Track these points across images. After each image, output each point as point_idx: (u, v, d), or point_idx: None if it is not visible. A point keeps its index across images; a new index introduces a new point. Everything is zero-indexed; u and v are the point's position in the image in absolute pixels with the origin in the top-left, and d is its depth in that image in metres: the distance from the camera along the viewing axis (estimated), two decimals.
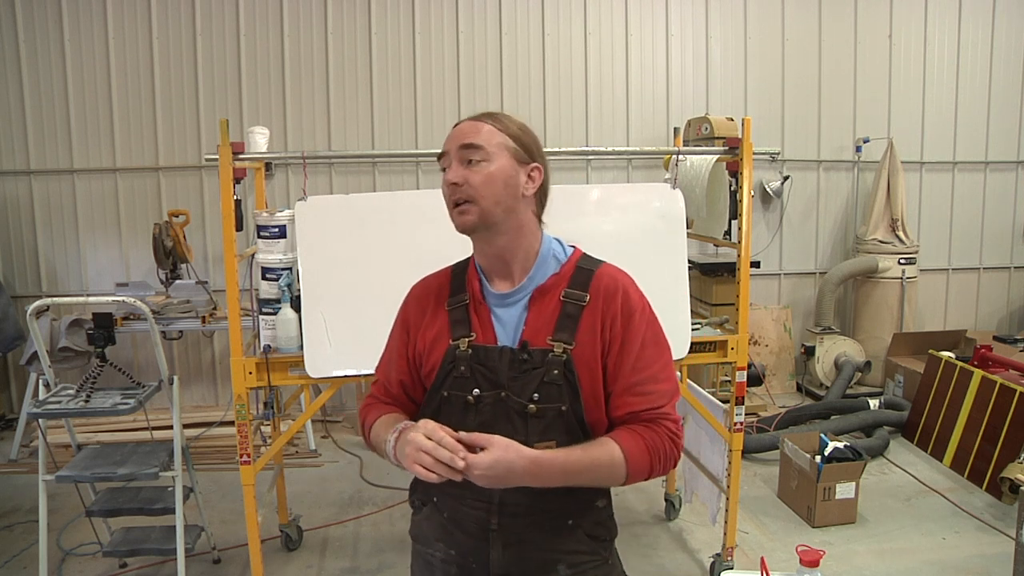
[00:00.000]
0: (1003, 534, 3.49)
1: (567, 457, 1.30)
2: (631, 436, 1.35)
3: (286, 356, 2.76)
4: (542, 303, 1.40)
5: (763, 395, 5.49)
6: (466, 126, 1.39)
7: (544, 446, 1.33)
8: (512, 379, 1.36)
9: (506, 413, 1.36)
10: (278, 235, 2.83)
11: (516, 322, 1.40)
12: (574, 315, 1.38)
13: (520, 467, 1.24)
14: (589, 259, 1.46)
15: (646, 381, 1.38)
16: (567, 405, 1.35)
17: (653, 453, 1.35)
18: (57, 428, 4.31)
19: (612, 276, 1.42)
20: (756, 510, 3.81)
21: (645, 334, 1.40)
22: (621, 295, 1.40)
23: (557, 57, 5.51)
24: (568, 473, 1.30)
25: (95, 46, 5.08)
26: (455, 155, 1.37)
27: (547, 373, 1.35)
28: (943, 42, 5.98)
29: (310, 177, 2.81)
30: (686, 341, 2.84)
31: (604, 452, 1.33)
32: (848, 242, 6.07)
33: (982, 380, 4.20)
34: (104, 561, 3.29)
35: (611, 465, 1.33)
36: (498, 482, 1.25)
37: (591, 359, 1.37)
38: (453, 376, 1.39)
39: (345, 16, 5.26)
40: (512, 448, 1.25)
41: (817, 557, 1.43)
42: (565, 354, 1.35)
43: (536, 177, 1.42)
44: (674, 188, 2.91)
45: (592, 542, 1.45)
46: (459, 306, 1.44)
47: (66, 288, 5.21)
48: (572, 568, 1.42)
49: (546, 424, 1.35)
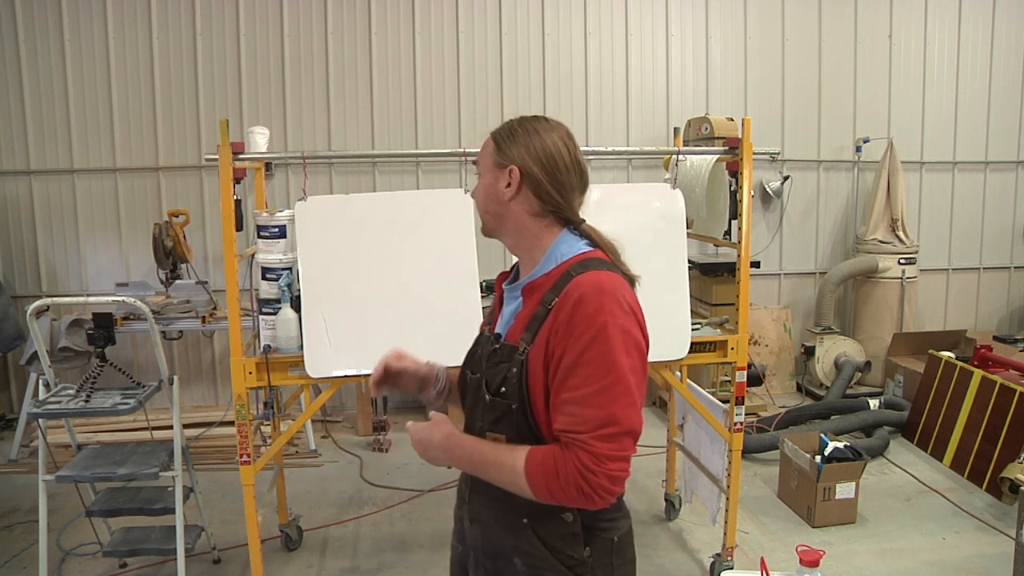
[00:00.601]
0: (1003, 534, 3.49)
1: (475, 446, 1.38)
2: (545, 452, 1.29)
3: (286, 356, 2.76)
4: (530, 301, 1.42)
5: (763, 395, 5.49)
6: (485, 141, 1.50)
7: (493, 438, 1.40)
8: (488, 367, 1.45)
9: (478, 398, 1.45)
10: (278, 235, 2.83)
11: (511, 315, 1.47)
12: (540, 317, 1.35)
13: (436, 442, 1.38)
14: (585, 263, 1.36)
15: (571, 402, 1.27)
16: (516, 404, 1.36)
17: (553, 476, 1.25)
18: (57, 428, 4.31)
19: (580, 284, 1.31)
20: (756, 510, 3.81)
21: (588, 355, 1.26)
22: (572, 305, 1.29)
23: (557, 57, 5.51)
24: (474, 462, 1.38)
25: (95, 46, 5.08)
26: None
27: (510, 369, 1.38)
28: (943, 42, 5.98)
29: (310, 177, 2.82)
30: (686, 341, 2.85)
31: (510, 456, 1.31)
32: (848, 242, 6.07)
33: (982, 380, 4.20)
34: (104, 561, 3.29)
35: (512, 471, 1.30)
36: (420, 449, 1.40)
37: (538, 364, 1.34)
38: (469, 355, 1.55)
39: (345, 16, 5.26)
40: (437, 425, 1.40)
41: (817, 557, 1.43)
42: (523, 354, 1.36)
43: (513, 178, 1.40)
44: (674, 188, 2.91)
45: (549, 552, 1.38)
46: (495, 297, 1.58)
47: (66, 288, 5.21)
48: (529, 568, 1.40)
49: (497, 416, 1.40)
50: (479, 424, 1.44)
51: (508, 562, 1.43)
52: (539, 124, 1.47)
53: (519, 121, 1.47)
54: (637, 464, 1.78)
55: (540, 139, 1.44)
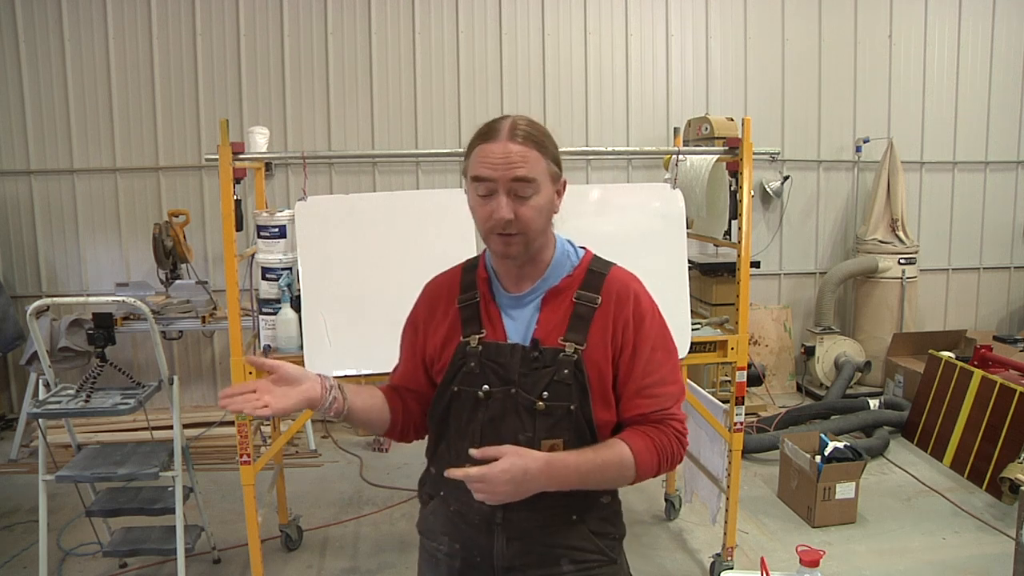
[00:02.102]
0: (1003, 534, 3.49)
1: (579, 459, 1.33)
2: (640, 437, 1.38)
3: (286, 356, 2.75)
4: (555, 304, 1.42)
5: (763, 395, 5.49)
6: (514, 153, 1.31)
7: (551, 444, 1.36)
8: (523, 376, 1.38)
9: (515, 409, 1.38)
10: (278, 235, 2.83)
11: (528, 321, 1.43)
12: (586, 316, 1.40)
13: (535, 469, 1.27)
14: (600, 261, 1.47)
15: (655, 384, 1.41)
16: (575, 404, 1.38)
17: (661, 453, 1.39)
18: (57, 428, 4.30)
19: (623, 281, 1.44)
20: (756, 510, 3.81)
21: (655, 339, 1.43)
22: (633, 300, 1.42)
23: (557, 57, 5.51)
24: (581, 474, 1.33)
25: (95, 46, 5.08)
26: (504, 185, 1.32)
27: (557, 372, 1.37)
28: (943, 42, 5.98)
29: (310, 177, 2.81)
30: (686, 341, 2.84)
31: (614, 453, 1.36)
32: (848, 242, 6.07)
33: (982, 380, 4.20)
34: (104, 561, 3.29)
35: (620, 466, 1.36)
36: (516, 488, 1.26)
37: (601, 360, 1.39)
38: (463, 372, 1.41)
39: (345, 16, 5.26)
40: (525, 453, 1.28)
41: (817, 557, 1.43)
42: (576, 354, 1.38)
43: (562, 191, 1.43)
44: (674, 188, 2.91)
45: (598, 539, 1.46)
46: (470, 304, 1.45)
47: (66, 288, 5.21)
48: (576, 564, 1.43)
49: (554, 422, 1.38)
50: (524, 436, 1.37)
51: (555, 566, 1.43)
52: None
53: (538, 125, 1.38)
54: None
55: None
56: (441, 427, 1.46)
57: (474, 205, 1.38)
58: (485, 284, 1.47)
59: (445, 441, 1.46)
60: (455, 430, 1.44)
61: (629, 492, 4.00)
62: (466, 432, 1.42)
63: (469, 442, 1.39)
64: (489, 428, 1.40)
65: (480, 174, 1.33)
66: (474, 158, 1.35)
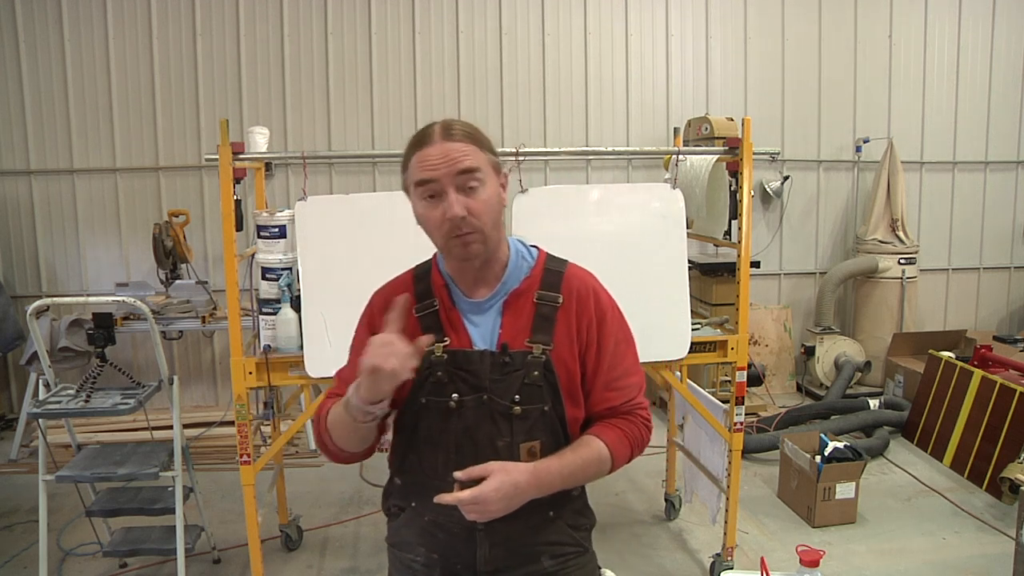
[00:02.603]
0: (1003, 534, 3.49)
1: (562, 462, 1.35)
2: (611, 430, 1.42)
3: (286, 356, 2.75)
4: (517, 306, 1.41)
5: (763, 395, 5.49)
6: (451, 148, 1.30)
7: (529, 447, 1.37)
8: (494, 381, 1.37)
9: (489, 415, 1.38)
10: (278, 235, 2.83)
11: (492, 326, 1.41)
12: (549, 317, 1.40)
13: (524, 482, 1.29)
14: (555, 260, 1.47)
15: (621, 376, 1.45)
16: (549, 405, 1.39)
17: (632, 442, 1.44)
18: (57, 428, 4.30)
19: (581, 278, 1.45)
20: (756, 510, 3.81)
21: (617, 332, 1.46)
22: (594, 298, 1.44)
23: (557, 57, 5.51)
24: (564, 477, 1.35)
25: (95, 46, 5.08)
26: (450, 182, 1.29)
27: (527, 375, 1.37)
28: (943, 42, 5.98)
29: (310, 177, 2.81)
30: (686, 341, 2.84)
31: (592, 451, 1.39)
32: (848, 242, 6.07)
33: (982, 380, 4.20)
34: (104, 561, 3.29)
35: (599, 462, 1.40)
36: (508, 504, 1.27)
37: (569, 359, 1.40)
38: (431, 382, 1.39)
39: (345, 16, 5.26)
40: (511, 468, 1.29)
41: (817, 557, 1.43)
42: (544, 355, 1.38)
43: (506, 184, 1.41)
44: (674, 188, 2.90)
45: (573, 532, 1.49)
46: (429, 312, 1.42)
47: (66, 288, 5.21)
48: (555, 559, 1.46)
49: (531, 424, 1.38)
50: (502, 441, 1.37)
51: (536, 564, 1.44)
52: None
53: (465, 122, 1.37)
54: (637, 464, 1.78)
55: None
56: (410, 439, 1.43)
57: (423, 214, 1.34)
58: (443, 290, 1.44)
59: (415, 453, 1.43)
60: (425, 441, 1.41)
61: (629, 492, 4.00)
62: (439, 442, 1.39)
63: (443, 452, 1.38)
64: (464, 437, 1.38)
65: (423, 176, 1.30)
66: (413, 166, 1.32)
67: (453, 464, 1.35)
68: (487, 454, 1.35)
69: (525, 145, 2.91)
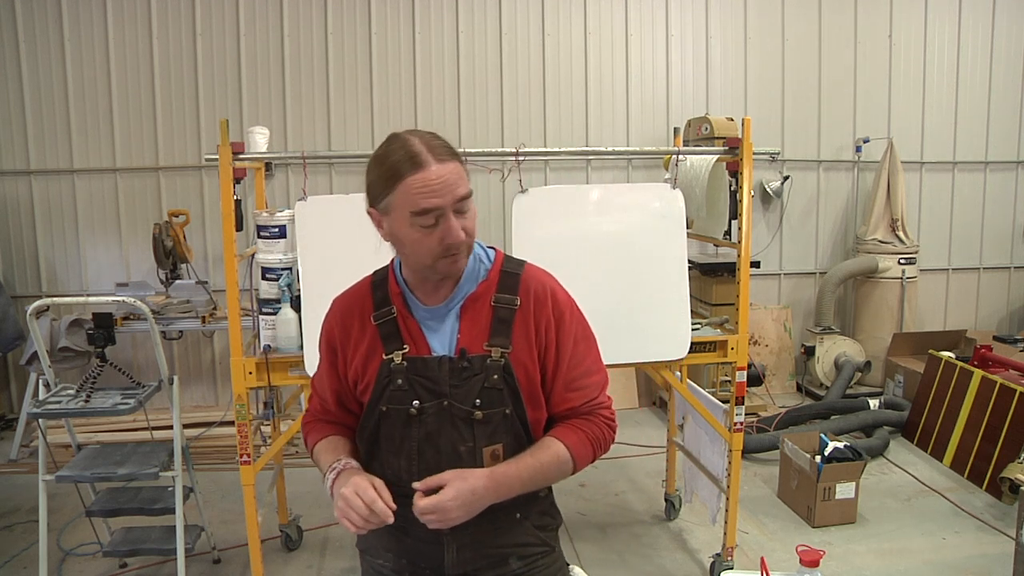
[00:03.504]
0: (1003, 534, 3.49)
1: (519, 466, 1.36)
2: (572, 432, 1.42)
3: (286, 356, 2.75)
4: (474, 310, 1.41)
5: (763, 395, 5.49)
6: (445, 171, 1.28)
7: (492, 450, 1.38)
8: (454, 387, 1.37)
9: (451, 421, 1.38)
10: (278, 235, 2.83)
11: (450, 331, 1.41)
12: (507, 319, 1.40)
13: (482, 487, 1.30)
14: (512, 261, 1.47)
15: (581, 376, 1.44)
16: (510, 408, 1.39)
17: (594, 443, 1.44)
18: (57, 428, 4.30)
19: (539, 279, 1.45)
20: (756, 510, 3.81)
21: (576, 333, 1.45)
22: (551, 299, 1.43)
23: (557, 57, 5.51)
24: (523, 480, 1.36)
25: (95, 46, 5.08)
26: (450, 208, 1.29)
27: (487, 378, 1.37)
28: (943, 42, 5.98)
29: (310, 177, 2.81)
30: (686, 341, 2.84)
31: (551, 454, 1.39)
32: (848, 242, 6.07)
33: (982, 380, 4.20)
34: (104, 561, 3.29)
35: (559, 463, 1.40)
36: (467, 510, 1.29)
37: (528, 361, 1.40)
38: (390, 390, 1.39)
39: (345, 16, 5.26)
40: (468, 475, 1.30)
41: (817, 557, 1.43)
42: (503, 358, 1.38)
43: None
44: (674, 188, 2.90)
45: (540, 532, 1.50)
46: (387, 319, 1.42)
47: (66, 288, 5.21)
48: (523, 560, 1.47)
49: (492, 428, 1.38)
50: (465, 446, 1.37)
51: (504, 566, 1.45)
52: None
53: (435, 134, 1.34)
54: (637, 464, 1.77)
55: None
56: (371, 447, 1.44)
57: (416, 239, 1.31)
58: (399, 298, 1.43)
59: (377, 461, 1.44)
60: (387, 449, 1.41)
61: (629, 492, 4.00)
62: (401, 450, 1.40)
63: (406, 459, 1.39)
64: (426, 443, 1.38)
65: (428, 206, 1.27)
66: (406, 192, 1.28)
67: (416, 470, 1.37)
68: (450, 459, 1.37)
69: (525, 145, 2.91)
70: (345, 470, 1.37)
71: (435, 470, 1.32)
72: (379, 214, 1.36)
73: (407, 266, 1.43)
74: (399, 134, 1.33)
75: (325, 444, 1.49)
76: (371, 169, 1.35)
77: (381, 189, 1.32)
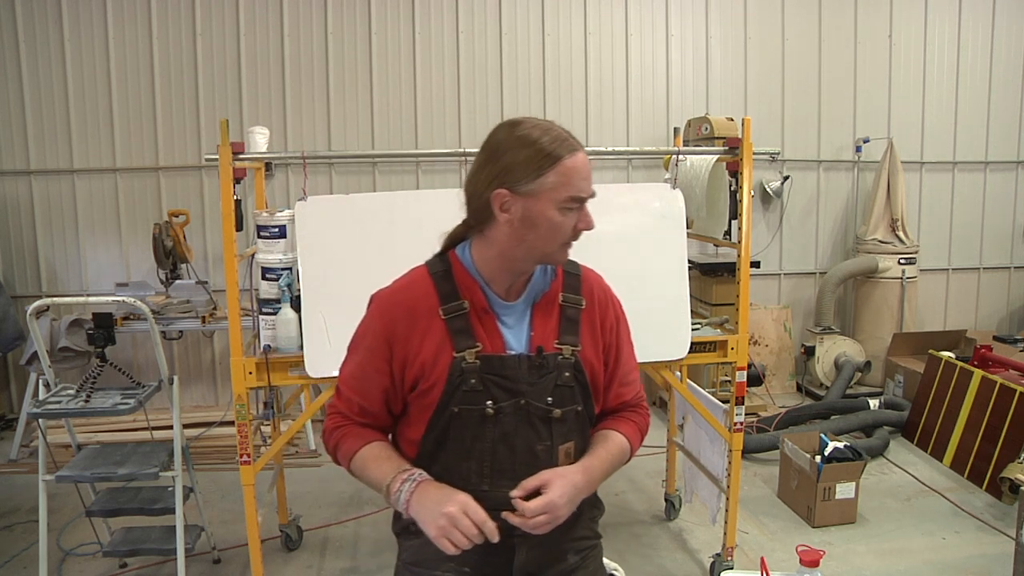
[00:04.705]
0: (1003, 534, 3.49)
1: (600, 460, 1.41)
2: (626, 423, 1.52)
3: (286, 356, 2.75)
4: (545, 309, 1.43)
5: (763, 395, 5.49)
6: (587, 162, 1.36)
7: (565, 448, 1.40)
8: (530, 386, 1.37)
9: (528, 420, 1.37)
10: (278, 235, 2.83)
11: (525, 329, 1.41)
12: (574, 319, 1.44)
13: (582, 482, 1.34)
14: (569, 262, 1.49)
15: (630, 371, 1.56)
16: (581, 405, 1.43)
17: (642, 432, 1.55)
18: (57, 428, 4.31)
19: (597, 281, 1.53)
20: (756, 510, 3.81)
21: (627, 333, 1.56)
22: (611, 301, 1.52)
23: (557, 57, 5.51)
24: (604, 474, 1.42)
25: (95, 46, 5.08)
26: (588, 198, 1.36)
27: (559, 376, 1.39)
28: (943, 42, 5.98)
29: (310, 177, 2.81)
30: (686, 341, 2.84)
31: (618, 445, 1.47)
32: (848, 242, 6.07)
33: (982, 380, 4.20)
34: (104, 561, 3.29)
35: (623, 455, 1.48)
36: (572, 507, 1.33)
37: (594, 359, 1.45)
38: (463, 390, 1.34)
39: (345, 16, 5.26)
40: (565, 472, 1.33)
41: (817, 557, 1.43)
42: (574, 356, 1.41)
43: None
44: (674, 188, 2.90)
45: (592, 524, 1.56)
46: (458, 314, 1.36)
47: (66, 288, 5.21)
48: (579, 554, 1.50)
49: (568, 426, 1.41)
50: (542, 445, 1.36)
51: (563, 562, 1.47)
52: None
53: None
54: (637, 464, 1.79)
55: None
56: (435, 450, 1.38)
57: (559, 221, 1.30)
58: (476, 292, 1.38)
59: (439, 464, 1.38)
60: (455, 451, 1.37)
61: (629, 492, 4.00)
62: (471, 452, 1.36)
63: (476, 461, 1.36)
64: (500, 444, 1.35)
65: (581, 193, 1.32)
66: (564, 174, 1.29)
67: (487, 472, 1.34)
68: (524, 459, 1.35)
69: None
70: (422, 482, 1.31)
71: (508, 471, 1.32)
72: (512, 195, 1.30)
73: (512, 254, 1.35)
74: (524, 118, 1.35)
75: (373, 451, 1.40)
76: (512, 150, 1.31)
77: (531, 170, 1.29)
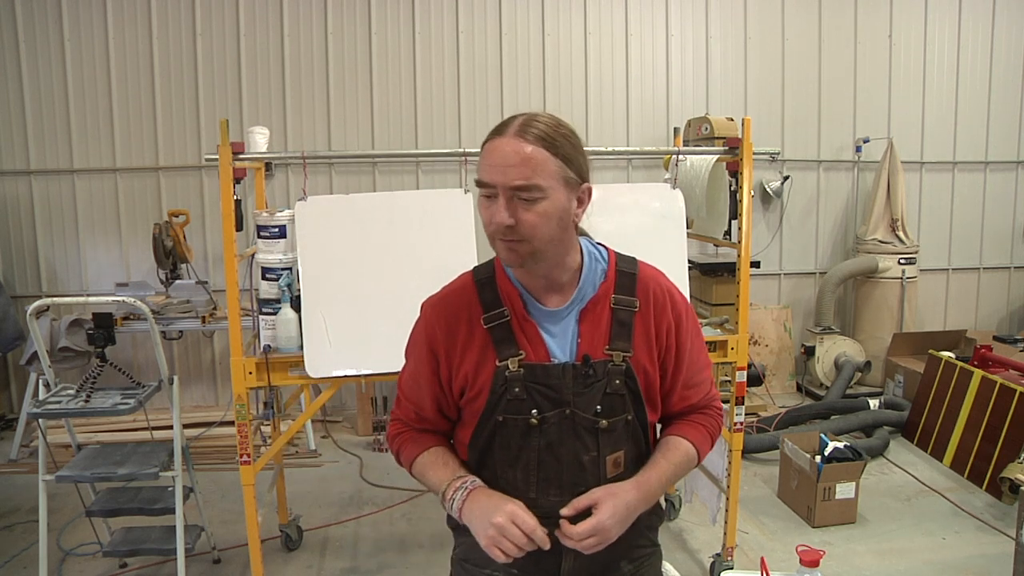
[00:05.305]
0: (1003, 534, 3.49)
1: (658, 472, 1.35)
2: (694, 429, 1.44)
3: (286, 356, 2.75)
4: (594, 313, 1.35)
5: (763, 395, 5.49)
6: (513, 153, 1.20)
7: (614, 458, 1.35)
8: (576, 395, 1.31)
9: (573, 430, 1.32)
10: (278, 235, 2.83)
11: (570, 336, 1.34)
12: (627, 322, 1.35)
13: (634, 500, 1.29)
14: (625, 259, 1.42)
15: (698, 372, 1.45)
16: (632, 414, 1.36)
17: (712, 435, 1.46)
18: (57, 428, 4.31)
19: (655, 279, 1.42)
20: (756, 510, 3.81)
21: (692, 331, 1.43)
22: (670, 300, 1.40)
23: (557, 57, 5.51)
24: (663, 485, 1.36)
25: (95, 46, 5.08)
26: (504, 192, 1.21)
27: (609, 384, 1.32)
28: (943, 42, 5.98)
29: (310, 177, 2.81)
30: None
31: (681, 454, 1.40)
32: (848, 242, 6.07)
33: (982, 380, 4.20)
34: (104, 561, 3.29)
35: (688, 462, 1.42)
36: (623, 526, 1.28)
37: (648, 365, 1.37)
38: (507, 399, 1.31)
39: (345, 16, 5.26)
40: (617, 489, 1.29)
41: (817, 557, 1.43)
42: (625, 363, 1.33)
43: (585, 199, 1.31)
44: (674, 188, 2.91)
45: (649, 533, 1.49)
46: (500, 323, 1.33)
47: (66, 288, 5.21)
48: (633, 563, 1.45)
49: (616, 436, 1.35)
50: (588, 455, 1.32)
51: (615, 571, 1.43)
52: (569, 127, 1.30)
53: (559, 125, 1.27)
54: None
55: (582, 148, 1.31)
56: (483, 457, 1.38)
57: (480, 207, 1.28)
58: (516, 299, 1.34)
59: (488, 471, 1.38)
60: (502, 459, 1.35)
61: None
62: (517, 460, 1.34)
63: (523, 470, 1.34)
64: (546, 453, 1.33)
65: (480, 178, 1.24)
66: (481, 156, 1.25)
67: (534, 480, 1.33)
68: (571, 469, 1.33)
69: None
70: (474, 490, 1.31)
71: (555, 480, 1.31)
72: None
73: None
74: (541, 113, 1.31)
75: (431, 457, 1.41)
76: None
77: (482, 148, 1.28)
